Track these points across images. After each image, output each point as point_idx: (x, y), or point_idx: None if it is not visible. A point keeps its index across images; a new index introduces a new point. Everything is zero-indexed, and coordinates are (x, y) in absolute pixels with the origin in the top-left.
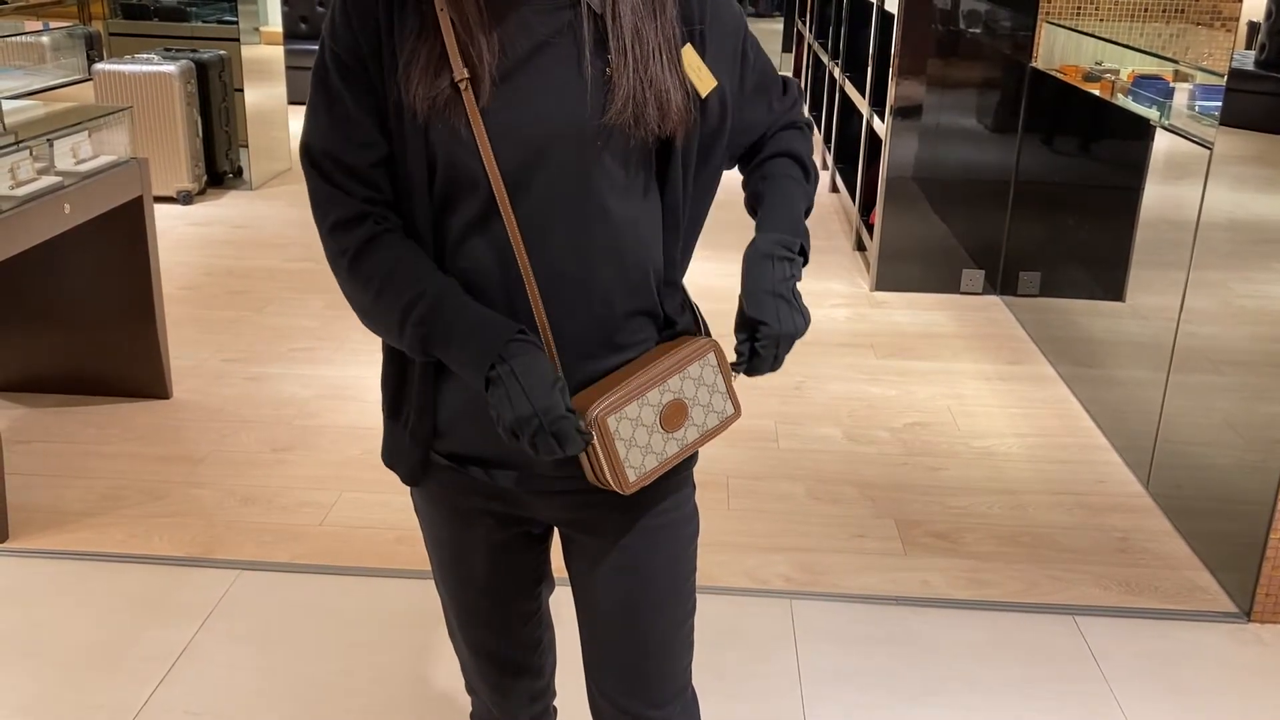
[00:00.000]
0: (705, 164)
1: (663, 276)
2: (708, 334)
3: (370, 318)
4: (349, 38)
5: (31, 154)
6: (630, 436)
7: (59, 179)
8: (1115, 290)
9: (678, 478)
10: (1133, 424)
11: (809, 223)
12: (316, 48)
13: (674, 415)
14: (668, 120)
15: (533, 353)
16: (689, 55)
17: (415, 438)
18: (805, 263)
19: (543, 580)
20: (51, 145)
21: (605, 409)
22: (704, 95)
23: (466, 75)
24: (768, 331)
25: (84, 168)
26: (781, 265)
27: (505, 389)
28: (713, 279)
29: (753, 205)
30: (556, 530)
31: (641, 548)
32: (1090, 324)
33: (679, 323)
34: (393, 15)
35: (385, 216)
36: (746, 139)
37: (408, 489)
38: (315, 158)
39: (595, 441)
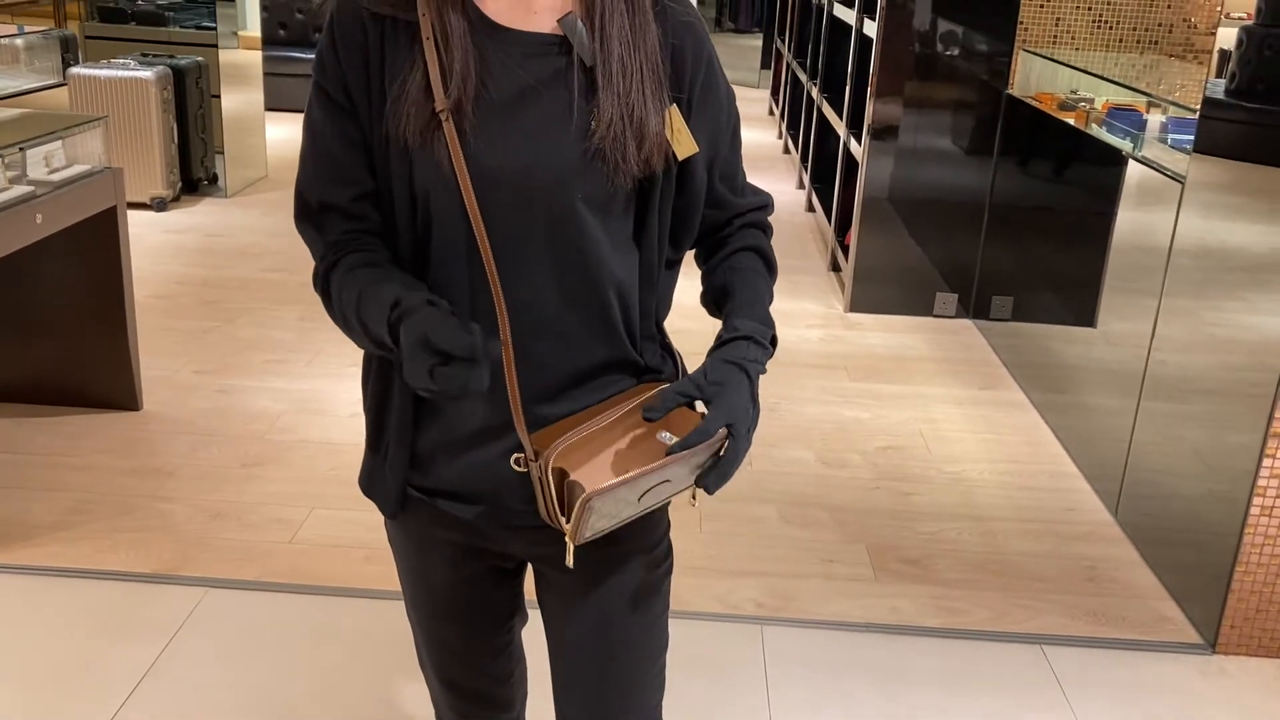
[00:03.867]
0: (683, 228)
1: (639, 329)
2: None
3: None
4: (336, 70)
5: (4, 162)
6: (607, 511)
7: (31, 188)
8: (1087, 316)
9: (653, 516)
10: (1102, 452)
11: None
12: (296, 54)
13: (653, 492)
14: (644, 146)
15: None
16: (674, 117)
17: (393, 470)
18: (770, 357)
19: (515, 614)
20: (24, 154)
21: (601, 491)
22: (681, 158)
23: (448, 106)
24: (720, 412)
25: (57, 177)
26: (756, 349)
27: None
28: (688, 294)
29: (718, 295)
30: (530, 564)
31: (614, 585)
32: (1062, 350)
33: (664, 372)
34: (384, 48)
35: (350, 244)
36: (713, 215)
37: (378, 510)
38: (308, 208)
39: (550, 481)
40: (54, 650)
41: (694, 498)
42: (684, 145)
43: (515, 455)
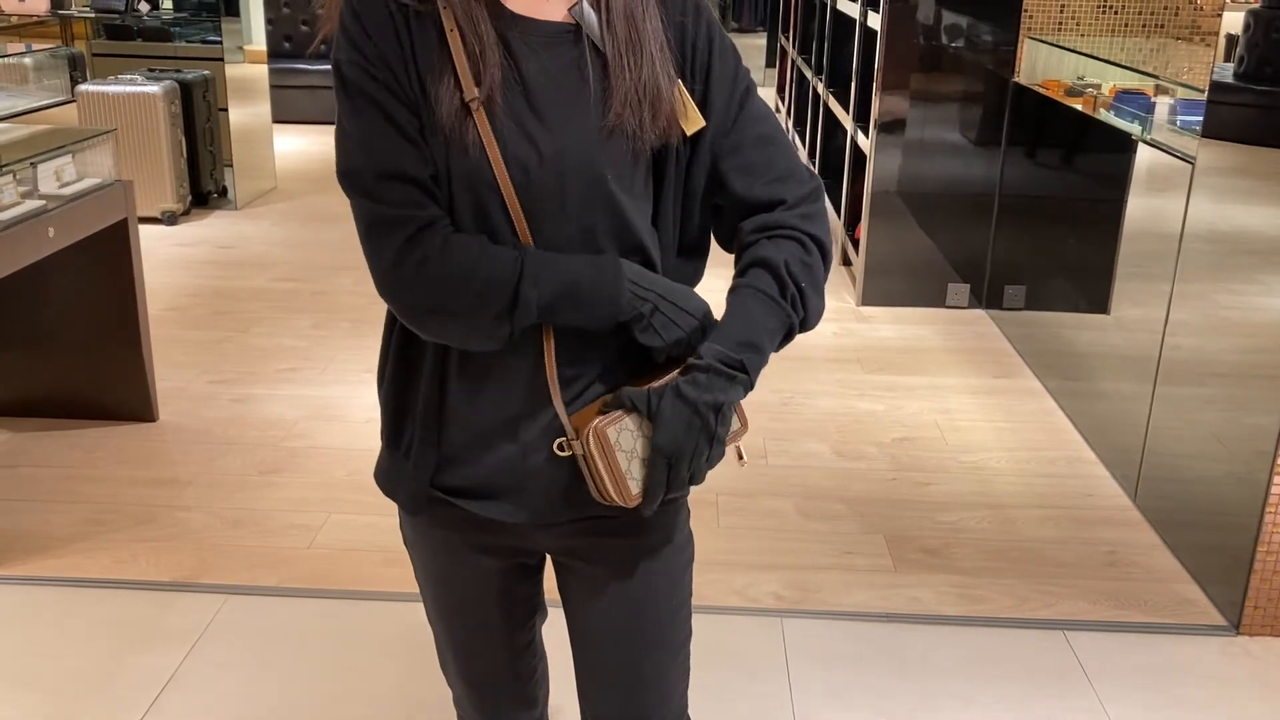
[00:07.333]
0: (688, 211)
1: None
2: None
3: (462, 315)
4: (375, 51)
5: (15, 177)
6: (631, 448)
7: (42, 203)
8: (1100, 303)
9: (673, 504)
10: (1119, 437)
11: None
12: (302, 66)
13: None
14: (659, 116)
15: (647, 271)
16: (680, 93)
17: (419, 468)
18: (747, 386)
19: (537, 611)
20: (35, 168)
21: (605, 421)
22: (689, 134)
23: (477, 95)
24: (658, 441)
25: (68, 191)
26: (716, 380)
27: (663, 315)
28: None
29: None
30: (550, 558)
31: (638, 575)
32: (1076, 337)
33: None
34: (413, 40)
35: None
36: (726, 200)
37: (395, 510)
38: (366, 183)
39: (595, 454)
40: (76, 660)
41: (741, 456)
42: (691, 121)
43: (558, 440)
